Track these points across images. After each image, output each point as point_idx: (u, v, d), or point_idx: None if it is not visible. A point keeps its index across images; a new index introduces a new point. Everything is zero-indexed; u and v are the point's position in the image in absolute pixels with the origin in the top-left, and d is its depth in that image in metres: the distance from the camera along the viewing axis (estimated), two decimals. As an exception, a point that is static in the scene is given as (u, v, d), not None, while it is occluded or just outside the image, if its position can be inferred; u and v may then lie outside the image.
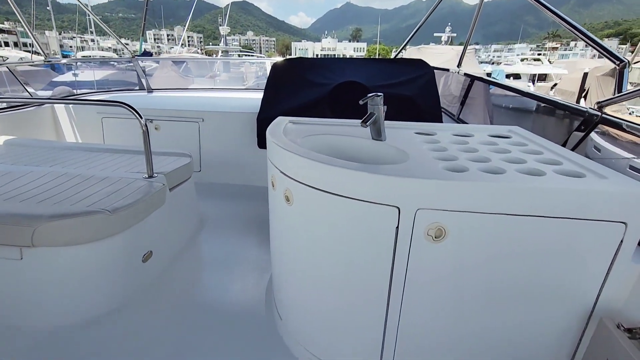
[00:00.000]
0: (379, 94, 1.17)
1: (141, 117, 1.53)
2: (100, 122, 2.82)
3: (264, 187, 2.73)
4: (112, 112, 2.72)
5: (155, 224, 1.63)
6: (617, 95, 1.22)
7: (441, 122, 2.24)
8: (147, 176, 1.68)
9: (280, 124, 1.33)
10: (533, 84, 30.54)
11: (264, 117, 2.34)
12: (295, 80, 2.44)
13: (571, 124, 1.41)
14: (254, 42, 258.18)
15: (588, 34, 1.38)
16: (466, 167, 0.94)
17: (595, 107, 1.30)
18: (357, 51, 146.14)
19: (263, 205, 1.50)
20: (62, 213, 1.27)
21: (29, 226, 1.22)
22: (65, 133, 2.87)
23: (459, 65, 2.97)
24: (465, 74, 2.69)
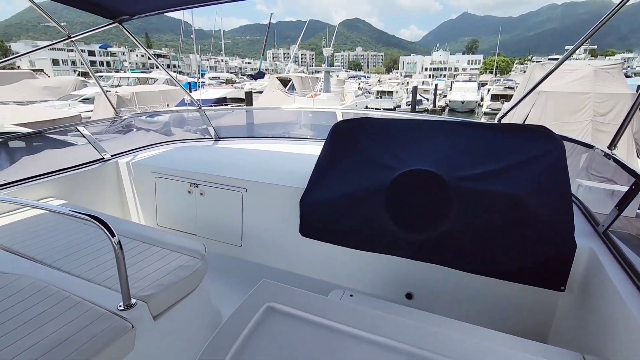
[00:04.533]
0: None
1: (113, 235, 1.17)
2: (154, 182, 2.70)
3: (306, 276, 2.31)
4: (165, 172, 2.64)
5: None
6: None
7: (572, 241, 1.43)
8: (122, 306, 1.27)
9: None
10: None
11: (309, 202, 1.95)
12: (355, 153, 1.94)
13: None
14: (362, 57, 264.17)
15: None
16: None
17: None
18: (472, 63, 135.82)
19: None
20: None
21: None
22: (126, 190, 2.88)
23: (611, 145, 1.84)
24: (627, 169, 1.59)
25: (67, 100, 16.24)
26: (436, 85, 32.44)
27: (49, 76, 25.44)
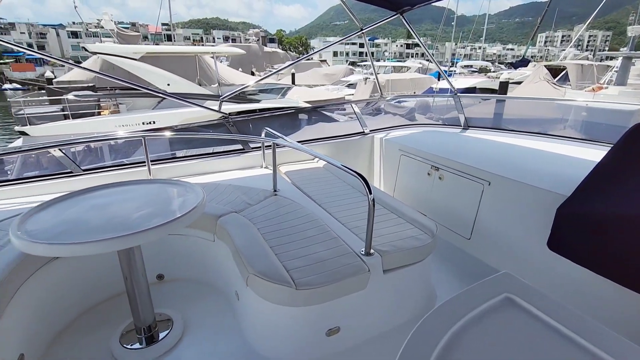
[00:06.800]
0: None
1: (370, 193, 1.40)
2: (399, 158, 2.95)
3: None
4: (410, 152, 2.77)
5: (349, 304, 1.51)
6: None
7: None
8: (363, 252, 1.56)
9: None
10: None
11: (570, 213, 1.58)
12: None
13: None
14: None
15: None
16: None
17: None
18: None
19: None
20: (264, 271, 1.41)
21: (247, 271, 1.45)
22: (375, 161, 3.24)
23: None
24: None
25: (337, 85, 19.96)
26: None
27: (329, 65, 32.00)
